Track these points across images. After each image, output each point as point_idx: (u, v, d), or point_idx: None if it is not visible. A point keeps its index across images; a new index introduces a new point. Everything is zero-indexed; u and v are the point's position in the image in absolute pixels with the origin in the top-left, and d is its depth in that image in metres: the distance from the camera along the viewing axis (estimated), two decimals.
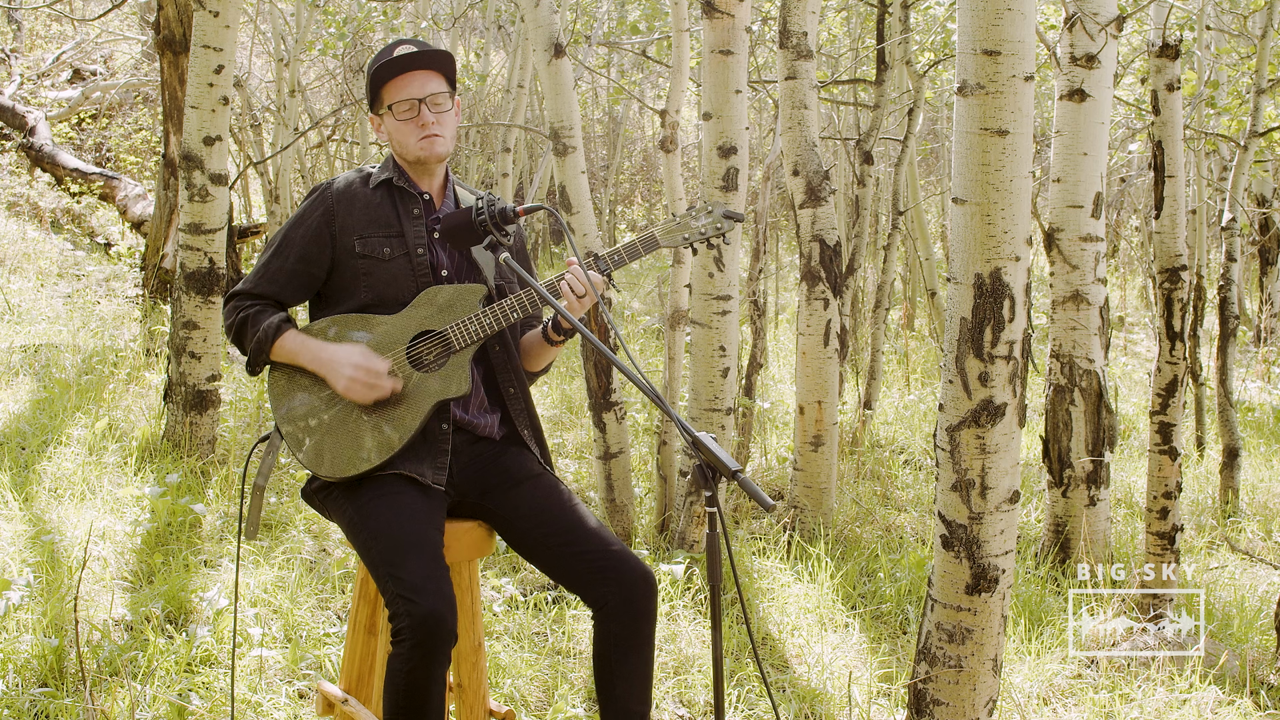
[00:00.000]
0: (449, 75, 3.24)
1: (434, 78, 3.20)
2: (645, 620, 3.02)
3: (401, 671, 2.77)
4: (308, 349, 3.09)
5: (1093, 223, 5.29)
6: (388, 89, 3.19)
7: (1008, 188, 3.17)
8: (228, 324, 3.20)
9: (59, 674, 3.84)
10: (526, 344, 3.35)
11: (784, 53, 5.84)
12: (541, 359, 3.35)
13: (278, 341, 3.11)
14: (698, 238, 3.25)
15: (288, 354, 3.11)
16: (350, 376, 3.03)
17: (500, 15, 12.24)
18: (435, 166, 3.26)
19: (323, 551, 5.20)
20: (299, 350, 3.10)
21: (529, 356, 3.35)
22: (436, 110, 3.19)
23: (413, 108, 3.17)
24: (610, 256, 3.18)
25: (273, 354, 3.13)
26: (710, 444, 2.52)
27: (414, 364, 3.09)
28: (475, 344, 3.10)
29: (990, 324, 3.22)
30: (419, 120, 3.17)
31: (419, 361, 3.10)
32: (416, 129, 3.17)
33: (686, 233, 3.25)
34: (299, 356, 3.10)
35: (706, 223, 3.26)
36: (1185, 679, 4.30)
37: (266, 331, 3.10)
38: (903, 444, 8.28)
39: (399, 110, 3.17)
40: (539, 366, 3.37)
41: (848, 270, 8.74)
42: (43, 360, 7.74)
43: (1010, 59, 3.14)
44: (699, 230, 3.25)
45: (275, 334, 3.10)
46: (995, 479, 3.29)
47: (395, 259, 3.15)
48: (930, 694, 3.45)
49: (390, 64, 3.17)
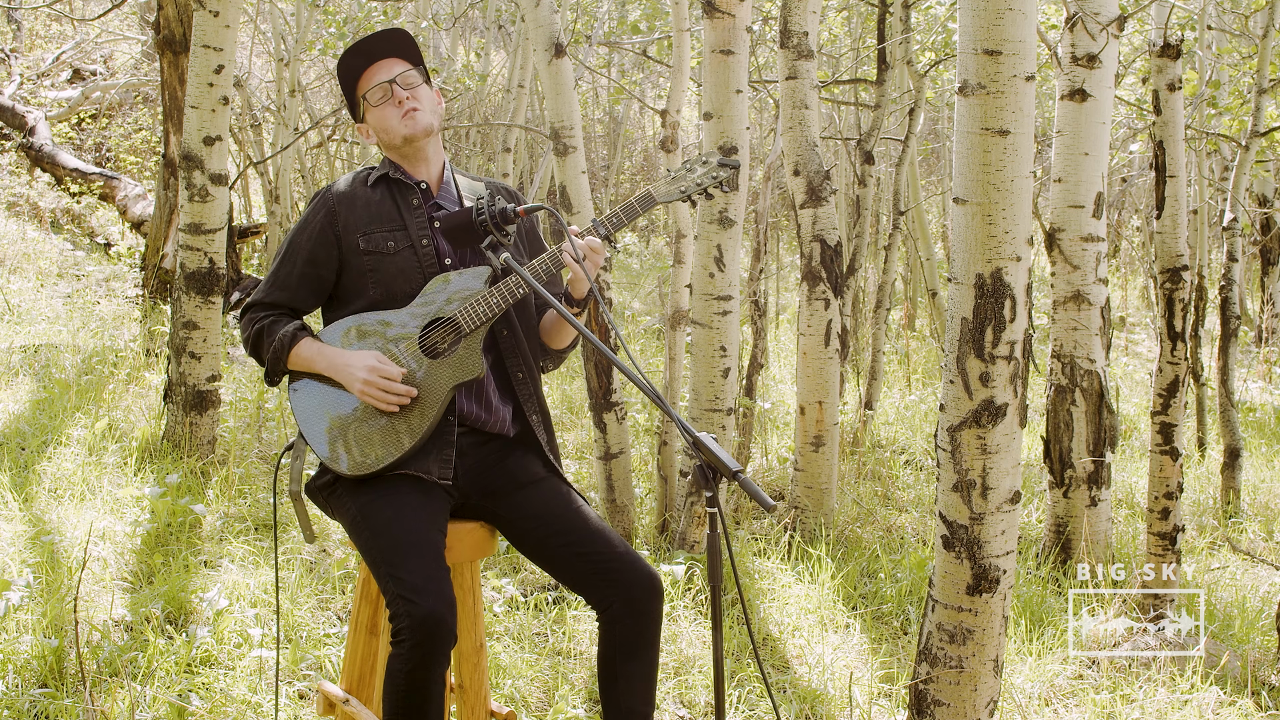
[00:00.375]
0: (410, 57, 3.26)
1: (396, 63, 3.23)
2: (650, 623, 3.02)
3: (402, 672, 2.77)
4: (323, 356, 3.12)
5: (1094, 223, 5.28)
6: (358, 87, 3.24)
7: (1009, 188, 3.16)
8: (244, 336, 3.22)
9: (59, 675, 3.83)
10: (547, 321, 3.35)
11: (785, 52, 5.84)
12: (565, 334, 3.34)
13: (293, 350, 3.13)
14: (695, 189, 3.23)
15: (304, 362, 3.14)
16: (365, 380, 3.05)
17: (500, 15, 12.24)
18: (427, 149, 3.26)
19: (323, 552, 5.18)
20: (314, 358, 3.12)
21: (551, 334, 3.35)
22: (408, 87, 3.21)
23: (384, 90, 3.19)
24: (609, 219, 3.16)
25: (289, 363, 3.15)
26: (711, 444, 2.51)
27: (428, 353, 3.10)
28: (485, 324, 3.09)
29: (991, 324, 3.21)
30: (394, 100, 3.19)
31: (433, 350, 3.10)
32: (394, 109, 3.19)
33: (684, 185, 3.23)
34: (315, 364, 3.12)
35: (703, 173, 3.23)
36: (1186, 680, 4.29)
37: (282, 341, 3.13)
38: (904, 444, 8.27)
39: (373, 98, 3.20)
40: (563, 343, 3.36)
41: (849, 270, 8.73)
42: (42, 360, 7.73)
43: (1011, 59, 3.13)
44: (695, 181, 3.23)
45: (291, 343, 3.13)
46: (996, 479, 3.28)
47: (400, 252, 3.16)
48: (931, 695, 3.45)
49: (347, 63, 3.22)
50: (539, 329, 3.36)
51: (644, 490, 6.35)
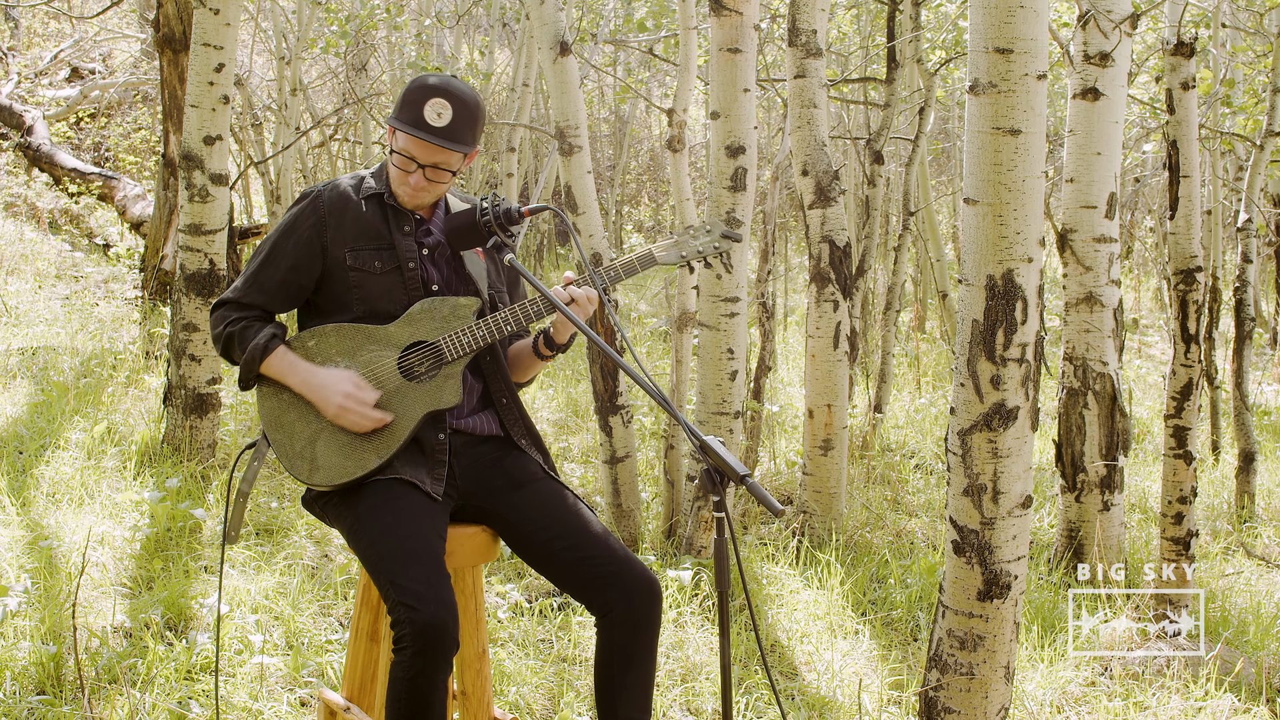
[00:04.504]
0: (469, 143, 3.12)
1: (450, 155, 3.10)
2: (648, 629, 3.01)
3: (403, 679, 2.75)
4: (297, 372, 3.08)
5: (1106, 223, 5.25)
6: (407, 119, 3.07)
7: (1020, 188, 3.15)
8: (215, 333, 3.19)
9: (57, 681, 3.82)
10: (514, 354, 3.34)
11: (793, 51, 5.81)
12: (528, 371, 3.36)
13: (266, 360, 3.09)
14: (695, 256, 3.29)
15: (276, 374, 3.10)
16: (340, 405, 3.02)
17: (505, 12, 12.20)
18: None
19: (324, 557, 5.17)
20: (288, 372, 3.08)
21: (515, 367, 3.34)
22: (433, 178, 3.12)
23: (408, 163, 3.10)
24: (606, 271, 3.19)
25: (261, 371, 3.11)
26: (718, 448, 2.51)
27: (405, 374, 3.09)
28: (467, 356, 3.09)
29: (1002, 326, 3.20)
30: (410, 179, 3.12)
31: (410, 372, 3.09)
32: (408, 177, 3.12)
33: (685, 250, 3.29)
34: (288, 378, 3.09)
35: (705, 241, 3.31)
36: (1200, 686, 4.28)
37: (254, 351, 3.09)
38: (913, 448, 8.25)
39: (397, 159, 3.11)
40: (525, 378, 3.38)
41: (858, 272, 8.67)
42: (40, 363, 7.72)
43: (1023, 57, 3.12)
44: (697, 249, 3.29)
45: (263, 353, 3.09)
46: (1007, 484, 3.26)
47: (386, 272, 3.14)
48: (941, 702, 3.43)
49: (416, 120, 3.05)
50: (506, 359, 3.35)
51: (650, 495, 6.34)
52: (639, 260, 3.22)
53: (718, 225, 3.32)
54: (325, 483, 3.04)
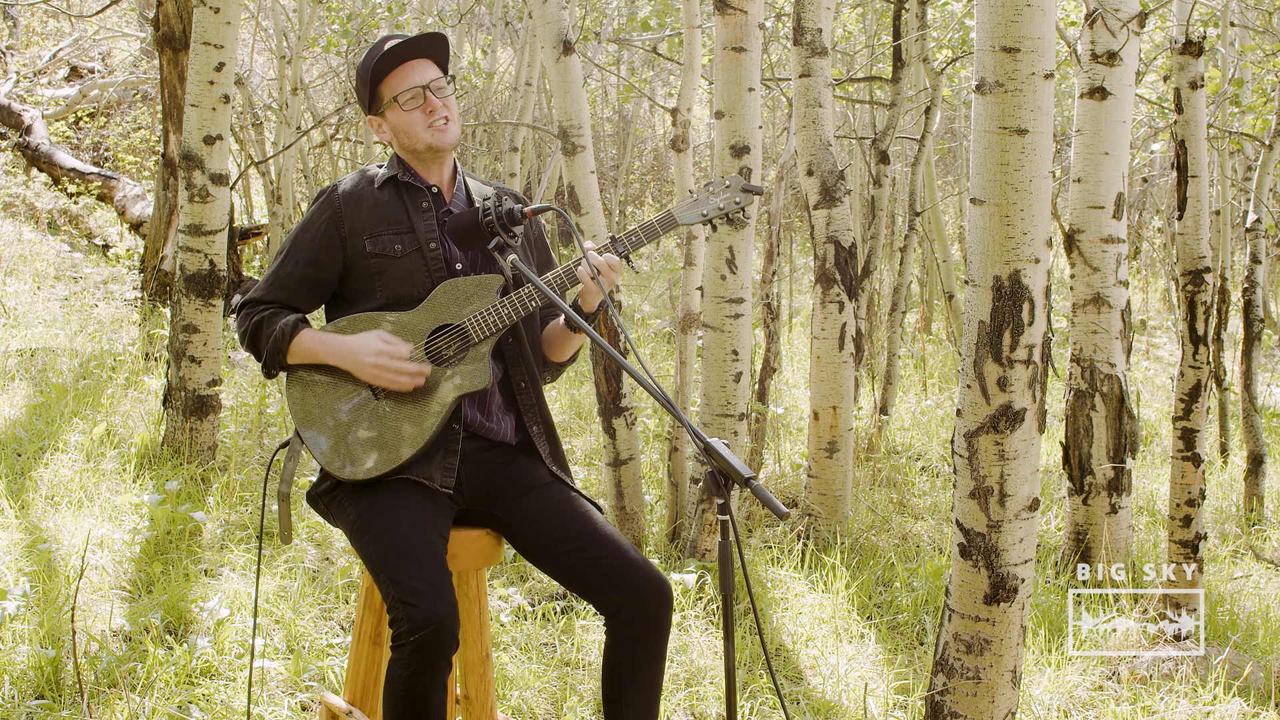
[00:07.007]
0: (442, 62, 3.23)
1: (429, 66, 3.19)
2: (659, 631, 2.99)
3: (402, 677, 2.73)
4: (326, 345, 3.06)
5: (1114, 224, 5.23)
6: (386, 84, 3.17)
7: (1027, 188, 3.14)
8: (241, 331, 3.17)
9: (56, 686, 3.80)
10: (550, 334, 3.32)
11: (798, 50, 5.80)
12: (566, 348, 3.32)
13: (294, 341, 3.07)
14: (716, 213, 3.20)
15: (306, 352, 3.08)
16: (375, 364, 3.00)
17: (508, 11, 12.20)
18: (445, 155, 3.23)
19: (326, 560, 5.15)
20: (317, 348, 3.06)
21: (553, 346, 3.31)
22: (440, 95, 3.17)
23: (418, 95, 3.14)
24: (628, 237, 3.13)
25: (290, 353, 3.09)
26: (722, 450, 2.49)
27: (433, 358, 3.06)
28: (494, 335, 3.06)
29: (1009, 327, 3.18)
30: (426, 107, 3.15)
31: (438, 356, 3.06)
32: (424, 116, 3.15)
33: (705, 209, 3.20)
34: (318, 353, 3.06)
35: (725, 198, 3.20)
36: (1209, 691, 4.26)
37: (283, 331, 3.07)
38: (919, 450, 8.25)
39: (404, 100, 3.14)
40: (564, 356, 3.34)
41: (863, 272, 8.65)
42: (39, 364, 7.71)
43: (1030, 56, 3.11)
44: (717, 206, 3.20)
45: (291, 333, 3.07)
46: (1014, 486, 3.25)
47: (408, 255, 3.12)
48: (948, 706, 3.42)
49: (387, 57, 3.14)
50: (541, 340, 3.33)
51: (654, 497, 6.33)
52: (659, 222, 3.15)
53: (737, 180, 3.23)
54: (355, 475, 3.00)
